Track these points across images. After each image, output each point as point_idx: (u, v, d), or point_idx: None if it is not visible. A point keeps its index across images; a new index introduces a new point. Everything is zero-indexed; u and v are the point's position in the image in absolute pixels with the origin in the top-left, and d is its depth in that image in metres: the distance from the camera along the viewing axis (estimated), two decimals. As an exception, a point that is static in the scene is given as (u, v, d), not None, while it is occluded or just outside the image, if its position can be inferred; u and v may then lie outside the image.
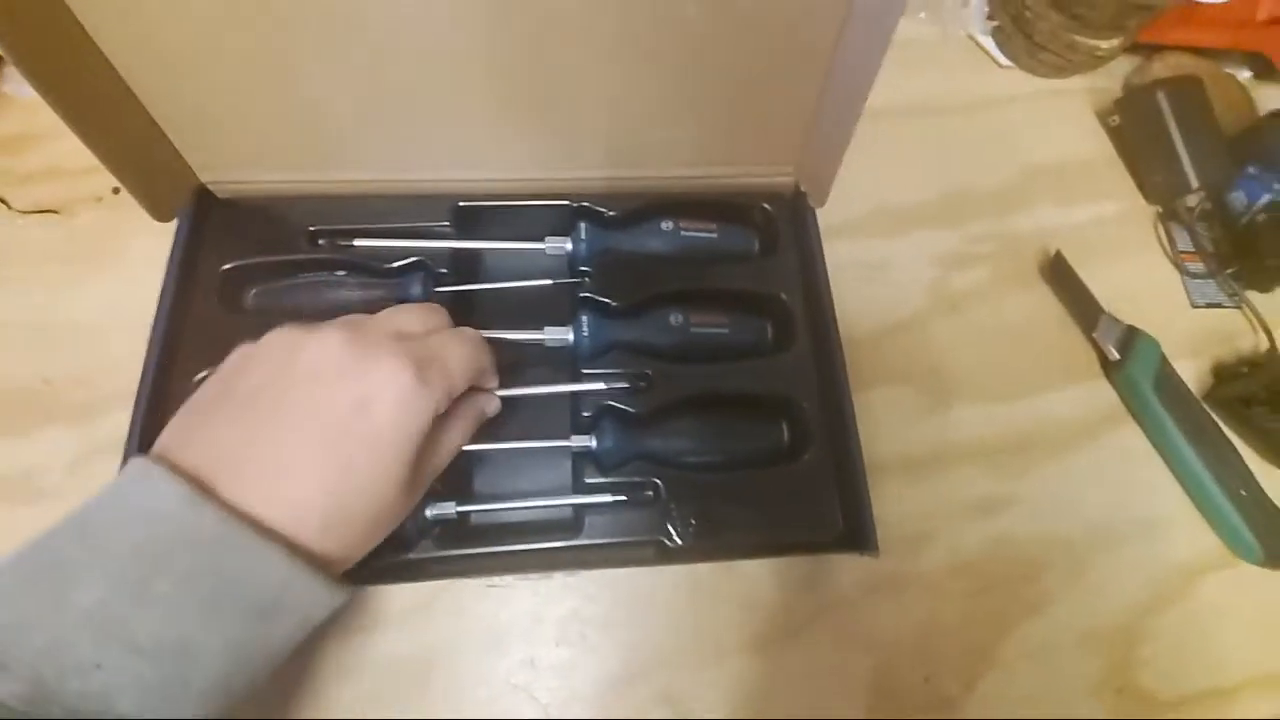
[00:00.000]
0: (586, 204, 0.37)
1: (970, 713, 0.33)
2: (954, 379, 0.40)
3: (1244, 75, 0.52)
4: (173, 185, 0.34)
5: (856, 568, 0.35)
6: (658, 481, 0.32)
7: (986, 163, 0.47)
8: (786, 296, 0.36)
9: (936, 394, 0.39)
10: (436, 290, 0.34)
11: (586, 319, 0.34)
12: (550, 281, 0.35)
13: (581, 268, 0.36)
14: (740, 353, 0.35)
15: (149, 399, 0.31)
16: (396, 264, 0.34)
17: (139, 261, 0.35)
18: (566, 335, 0.33)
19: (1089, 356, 0.42)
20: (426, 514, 0.30)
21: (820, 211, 0.38)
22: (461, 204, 0.36)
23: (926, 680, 0.33)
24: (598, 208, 0.37)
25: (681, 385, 0.33)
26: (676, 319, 0.34)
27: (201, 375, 0.32)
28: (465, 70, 0.31)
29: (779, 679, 0.33)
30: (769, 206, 0.38)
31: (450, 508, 0.30)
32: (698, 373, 0.34)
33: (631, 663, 0.32)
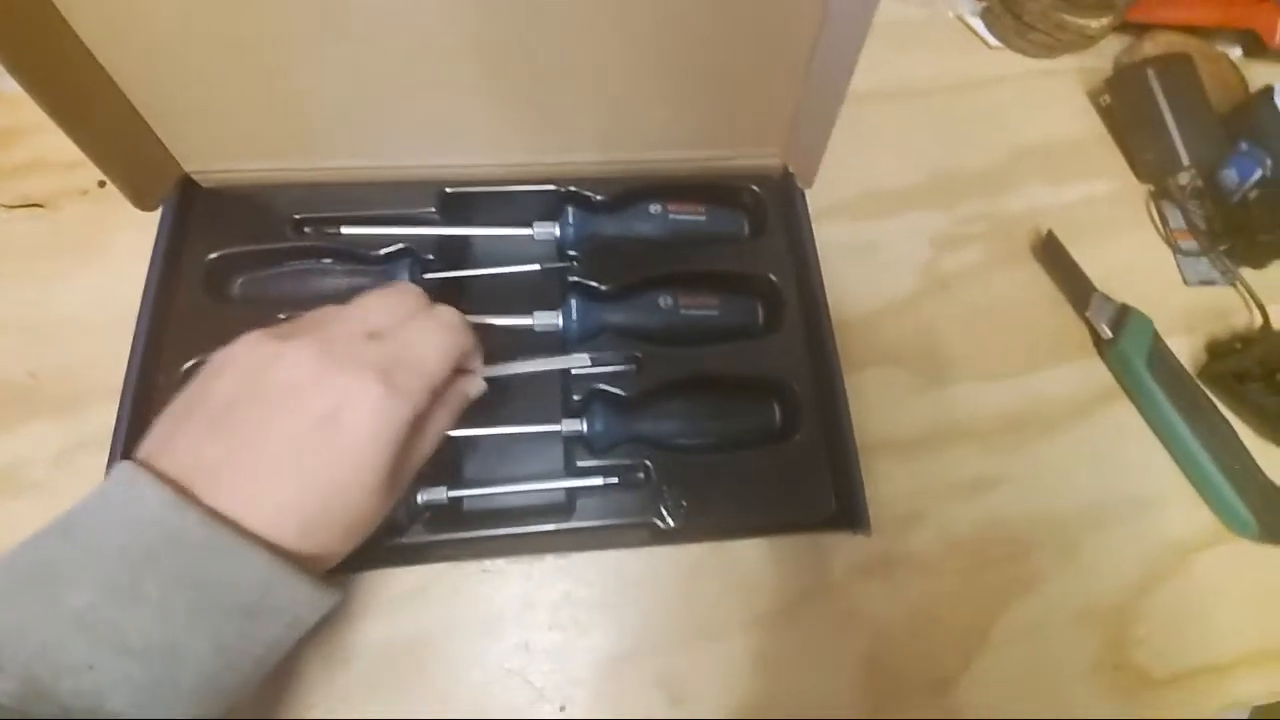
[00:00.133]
0: (574, 188, 0.36)
1: (966, 691, 0.33)
2: (946, 359, 0.40)
3: (1235, 53, 0.51)
4: (156, 175, 0.34)
5: (849, 548, 0.35)
6: (648, 464, 0.31)
7: (977, 143, 0.47)
8: (776, 278, 0.36)
9: (928, 374, 0.39)
10: (424, 277, 0.34)
11: (575, 303, 0.33)
12: (539, 266, 0.35)
13: (570, 252, 0.36)
14: (730, 334, 0.35)
15: (135, 391, 0.30)
16: (383, 251, 0.34)
17: (125, 254, 0.35)
18: (556, 320, 0.33)
19: (1082, 335, 0.42)
20: (418, 499, 0.30)
21: (810, 193, 0.38)
22: (448, 190, 0.36)
23: (921, 657, 0.33)
24: (585, 192, 0.37)
25: (672, 367, 0.33)
26: (666, 301, 0.34)
27: (190, 364, 0.31)
28: (451, 56, 0.30)
29: (773, 659, 0.32)
30: (757, 188, 0.38)
31: (442, 493, 0.30)
32: (688, 355, 0.34)
33: (625, 645, 0.32)
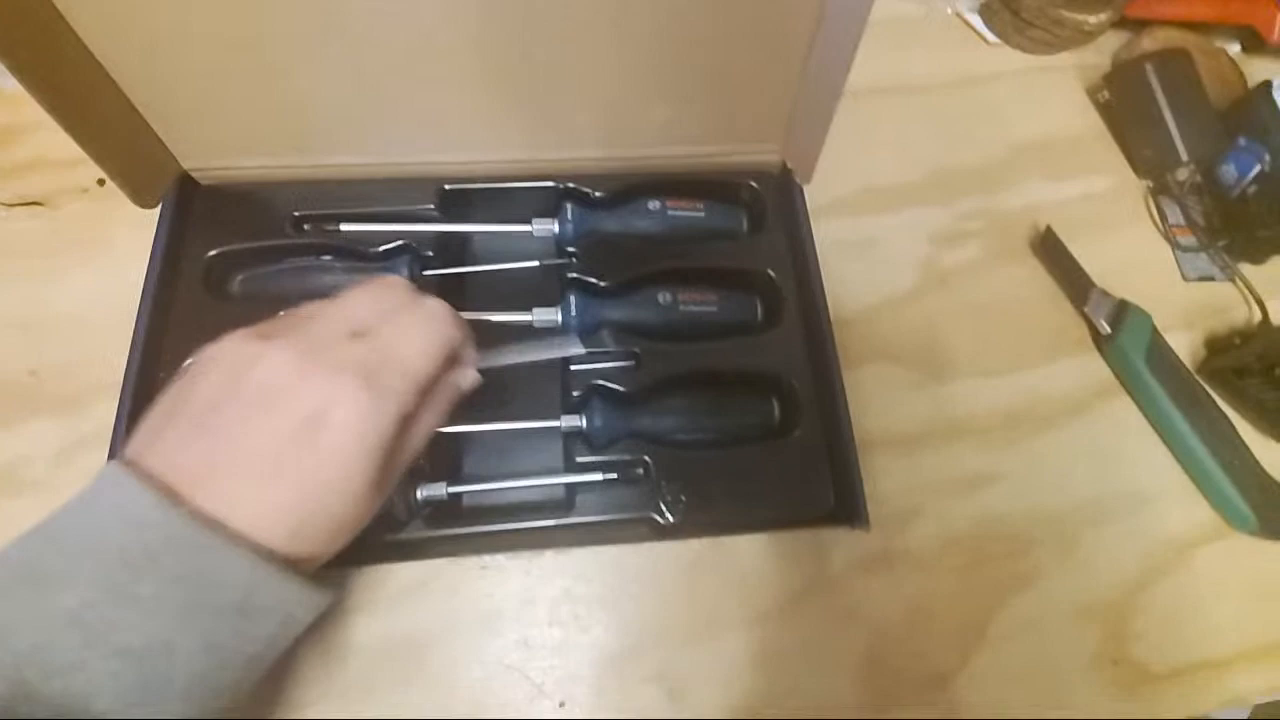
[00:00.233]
0: (573, 185, 0.37)
1: (964, 686, 0.33)
2: (945, 355, 0.40)
3: (1233, 49, 0.51)
4: (156, 173, 0.34)
5: (848, 543, 0.35)
6: (648, 459, 0.31)
7: (976, 140, 0.47)
8: (775, 274, 0.36)
9: (927, 370, 0.39)
10: (423, 274, 0.34)
11: (575, 299, 0.33)
12: (538, 263, 0.35)
13: (569, 249, 0.36)
14: (729, 330, 0.35)
15: (135, 389, 0.30)
16: (383, 248, 0.34)
17: (125, 252, 0.35)
18: (555, 316, 0.33)
19: (1081, 331, 0.42)
20: (418, 495, 0.30)
21: (809, 190, 0.38)
22: (447, 187, 0.36)
23: (920, 653, 0.33)
24: (584, 189, 0.37)
25: (671, 363, 0.33)
26: (665, 297, 0.34)
27: (189, 362, 0.31)
28: (449, 54, 0.30)
29: (772, 655, 0.32)
30: (756, 185, 0.38)
31: (442, 489, 0.30)
32: (687, 351, 0.34)
33: (624, 641, 0.32)
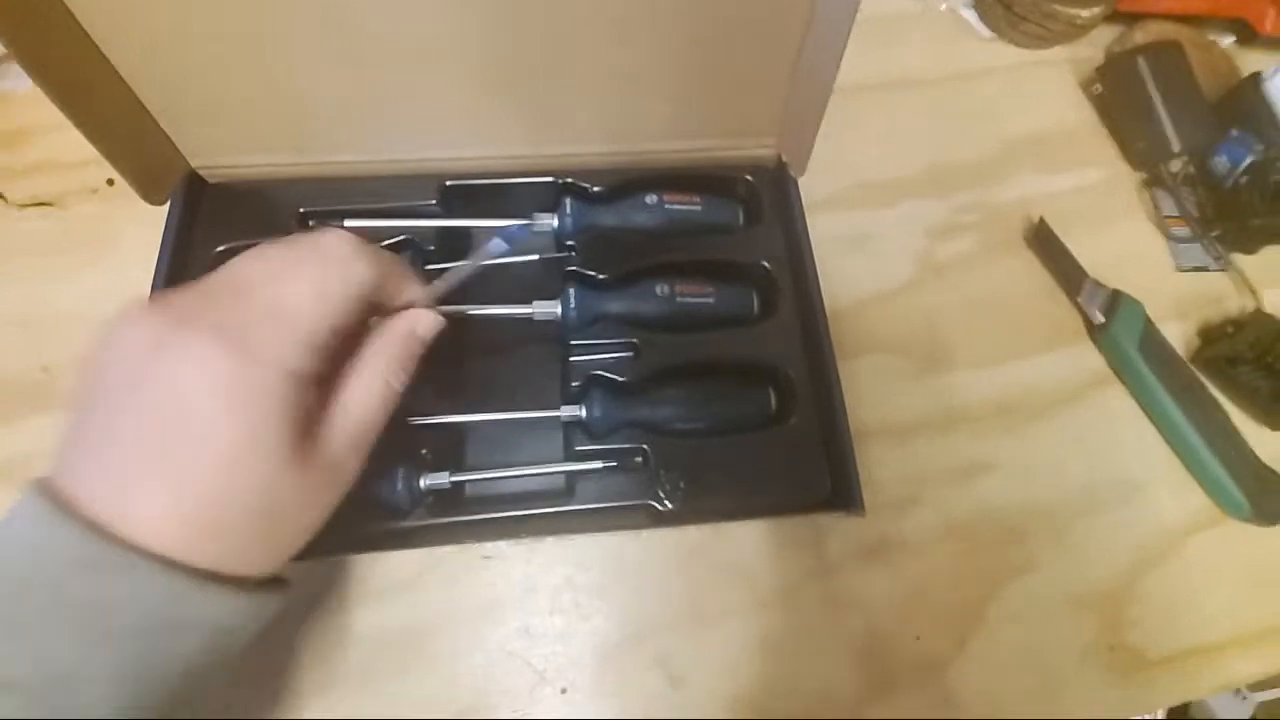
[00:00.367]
0: (572, 180, 0.37)
1: (961, 671, 0.33)
2: (940, 346, 0.40)
3: (1226, 41, 0.52)
4: (165, 170, 0.34)
5: (845, 532, 0.35)
6: (646, 448, 0.32)
7: (971, 134, 0.47)
8: (770, 266, 0.36)
9: (923, 361, 0.40)
10: (426, 267, 0.35)
11: (574, 292, 0.34)
12: (538, 256, 0.36)
13: (568, 242, 0.36)
14: (726, 321, 0.35)
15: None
16: (385, 243, 0.35)
17: (134, 250, 0.35)
18: (555, 309, 0.34)
19: (1075, 322, 0.42)
20: (421, 484, 0.30)
21: (806, 185, 0.38)
22: (449, 183, 0.36)
23: (917, 639, 0.34)
24: (583, 184, 0.37)
25: (669, 354, 0.34)
26: (663, 289, 0.35)
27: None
28: (450, 55, 0.31)
29: (770, 641, 0.33)
30: (751, 178, 0.38)
31: (444, 477, 0.31)
32: (685, 341, 0.34)
33: (625, 628, 0.33)
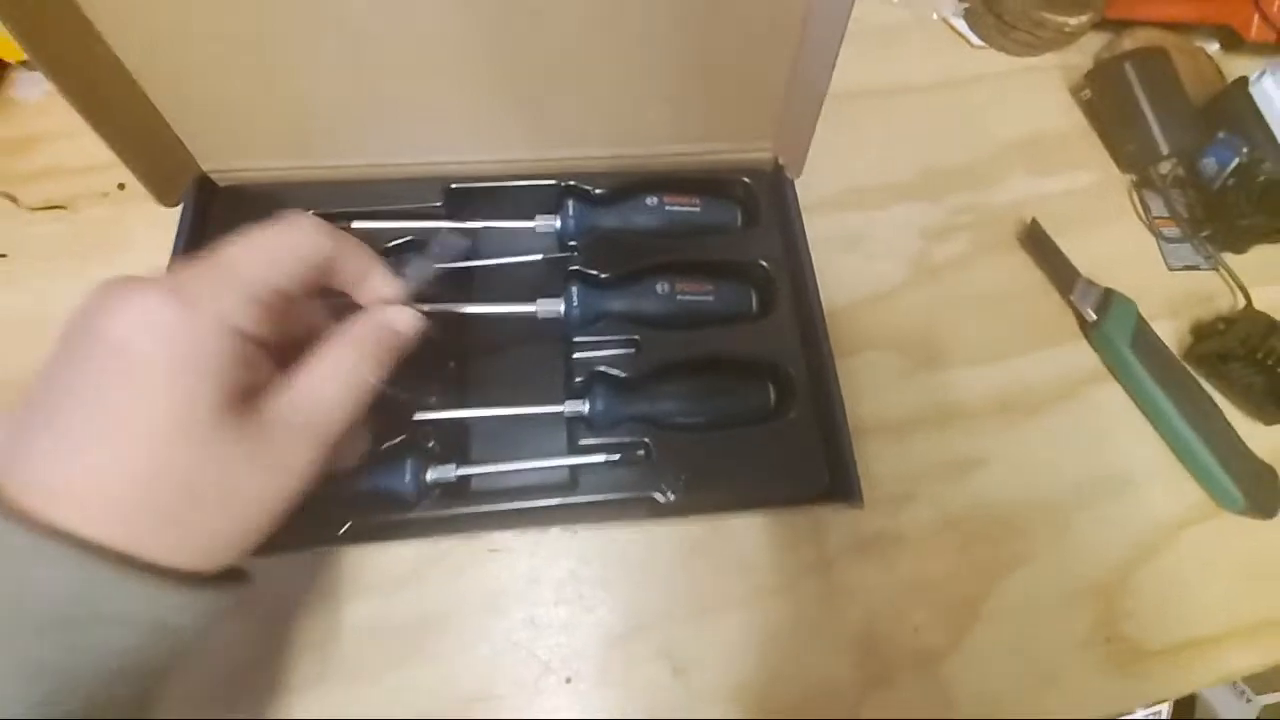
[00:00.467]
0: (574, 183, 0.38)
1: (959, 664, 0.34)
2: (936, 344, 0.41)
3: (1212, 47, 0.53)
4: (177, 173, 0.35)
5: (843, 526, 0.36)
6: (648, 442, 0.33)
7: (963, 139, 0.49)
8: (768, 265, 0.37)
9: (919, 359, 0.41)
10: (434, 267, 0.35)
11: (576, 291, 0.35)
12: (541, 257, 0.37)
13: (571, 243, 0.37)
14: (725, 319, 0.36)
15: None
16: (391, 244, 0.36)
17: (146, 253, 0.36)
18: (558, 307, 0.34)
19: (1068, 320, 0.43)
20: (427, 477, 0.31)
21: (803, 189, 0.39)
22: (453, 186, 0.37)
23: (915, 631, 0.34)
24: (585, 186, 0.38)
25: (669, 350, 0.35)
26: (663, 288, 0.35)
27: None
28: (452, 59, 0.32)
29: (771, 632, 0.33)
30: (749, 181, 0.39)
31: (450, 470, 0.31)
32: (685, 338, 0.35)
33: (629, 619, 0.33)
